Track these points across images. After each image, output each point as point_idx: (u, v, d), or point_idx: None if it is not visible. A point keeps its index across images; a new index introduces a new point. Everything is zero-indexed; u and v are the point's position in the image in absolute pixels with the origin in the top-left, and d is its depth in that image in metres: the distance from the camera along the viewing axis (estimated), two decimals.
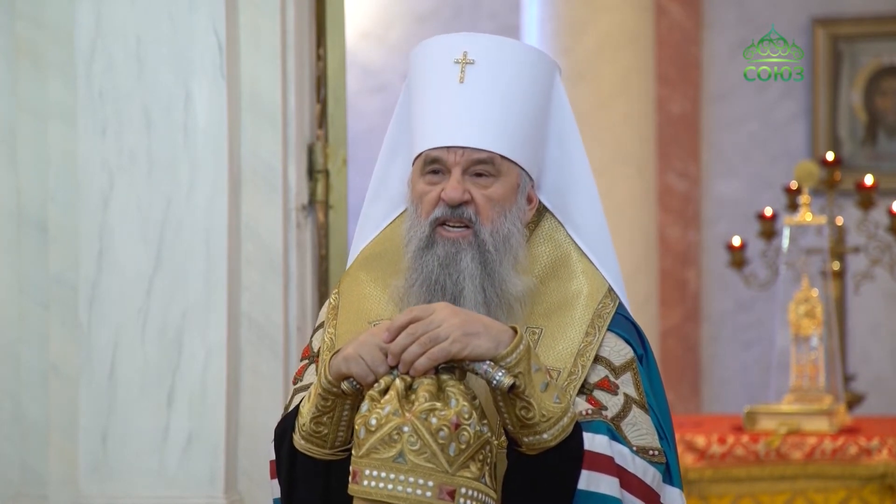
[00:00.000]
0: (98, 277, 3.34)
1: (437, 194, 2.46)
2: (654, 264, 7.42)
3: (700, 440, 5.32)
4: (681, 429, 5.44)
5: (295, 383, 2.62)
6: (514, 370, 2.27)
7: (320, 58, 3.66)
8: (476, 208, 2.45)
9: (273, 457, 2.53)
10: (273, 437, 2.53)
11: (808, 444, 5.27)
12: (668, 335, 8.19)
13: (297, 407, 2.46)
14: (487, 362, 2.28)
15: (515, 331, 2.31)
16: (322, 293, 3.60)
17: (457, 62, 2.48)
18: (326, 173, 3.59)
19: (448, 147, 2.45)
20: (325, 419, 2.38)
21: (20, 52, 3.45)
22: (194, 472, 3.32)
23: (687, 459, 5.29)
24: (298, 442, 2.43)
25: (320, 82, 3.67)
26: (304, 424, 2.41)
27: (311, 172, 3.56)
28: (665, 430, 2.50)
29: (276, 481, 2.53)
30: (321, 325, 2.63)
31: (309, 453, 2.42)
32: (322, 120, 3.66)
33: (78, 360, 3.36)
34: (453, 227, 2.45)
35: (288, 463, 2.46)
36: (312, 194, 3.57)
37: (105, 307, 3.34)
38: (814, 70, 8.10)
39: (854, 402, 6.42)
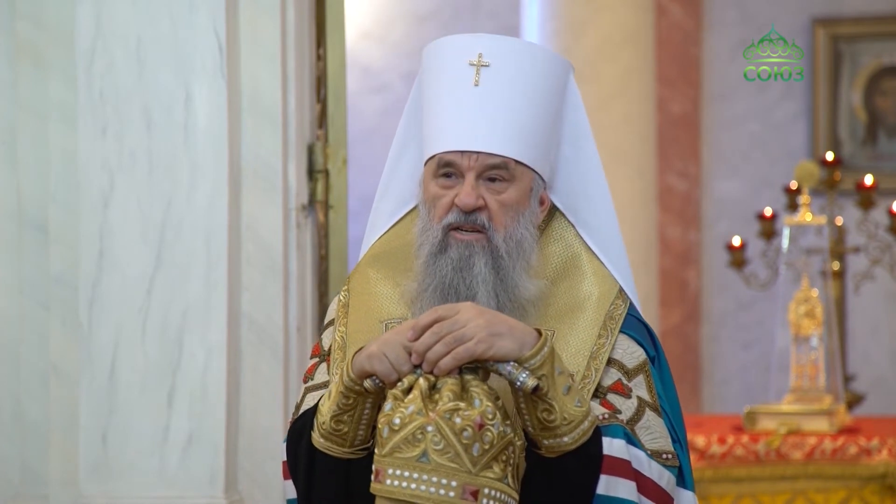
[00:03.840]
0: (98, 277, 3.34)
1: (450, 199, 2.45)
2: (654, 264, 7.42)
3: (700, 440, 5.32)
4: None
5: (305, 381, 2.60)
6: (538, 372, 2.27)
7: (320, 58, 3.66)
8: (489, 214, 2.44)
9: (285, 457, 2.52)
10: (286, 436, 2.52)
11: (809, 444, 5.27)
12: (668, 335, 8.19)
13: (315, 405, 2.45)
14: (511, 363, 2.27)
15: (540, 333, 2.30)
16: (322, 293, 3.61)
17: (472, 64, 2.47)
18: (326, 173, 3.59)
19: (462, 151, 2.45)
20: (345, 417, 2.38)
21: (20, 53, 3.45)
22: (194, 472, 3.32)
23: None
24: (318, 440, 2.42)
25: (320, 82, 3.66)
26: (323, 423, 2.40)
27: (312, 172, 3.56)
28: (678, 433, 2.49)
29: (289, 482, 2.52)
30: (331, 323, 2.62)
31: (329, 452, 2.41)
32: (322, 120, 3.66)
33: (78, 360, 3.36)
34: (466, 231, 2.45)
35: (307, 461, 2.45)
36: (312, 194, 3.57)
37: (105, 307, 3.34)
38: (814, 70, 8.10)
39: (854, 402, 6.42)
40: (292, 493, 2.52)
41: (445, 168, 2.46)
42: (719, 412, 7.89)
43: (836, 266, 6.29)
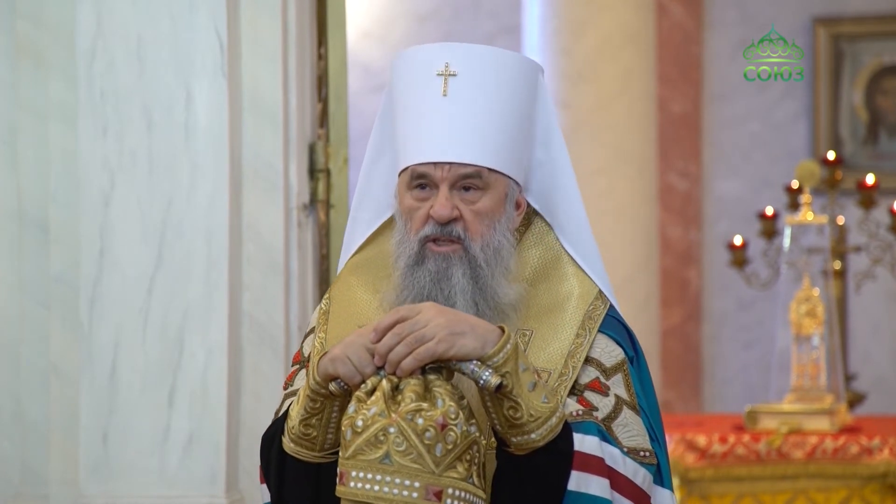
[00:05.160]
0: (99, 277, 3.34)
1: (425, 211, 2.45)
2: (655, 264, 7.42)
3: (701, 440, 5.32)
4: (682, 428, 5.45)
5: (285, 388, 2.61)
6: (502, 370, 2.27)
7: (321, 57, 3.66)
8: (465, 224, 2.44)
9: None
10: (260, 442, 2.52)
11: (810, 443, 5.27)
12: (669, 335, 8.19)
13: (287, 411, 2.46)
14: (474, 362, 2.27)
15: (503, 330, 2.30)
16: (323, 292, 3.60)
17: (439, 74, 2.46)
18: (328, 172, 3.59)
19: (435, 163, 2.45)
20: (313, 421, 2.38)
21: (21, 52, 3.45)
22: (195, 471, 3.32)
23: (688, 459, 5.29)
24: (288, 445, 2.42)
25: (321, 81, 3.67)
26: (293, 427, 2.40)
27: (313, 172, 3.56)
28: (656, 432, 2.49)
29: (265, 486, 2.52)
30: (312, 331, 2.63)
31: (298, 456, 2.41)
32: (323, 119, 3.66)
33: (78, 360, 3.36)
34: (443, 242, 2.45)
35: (277, 466, 2.45)
36: (313, 194, 3.57)
37: (106, 307, 3.34)
38: (815, 69, 8.10)
39: (855, 401, 6.42)
40: (269, 496, 2.52)
41: (419, 180, 2.46)
42: (720, 412, 7.89)
43: (837, 265, 6.30)
